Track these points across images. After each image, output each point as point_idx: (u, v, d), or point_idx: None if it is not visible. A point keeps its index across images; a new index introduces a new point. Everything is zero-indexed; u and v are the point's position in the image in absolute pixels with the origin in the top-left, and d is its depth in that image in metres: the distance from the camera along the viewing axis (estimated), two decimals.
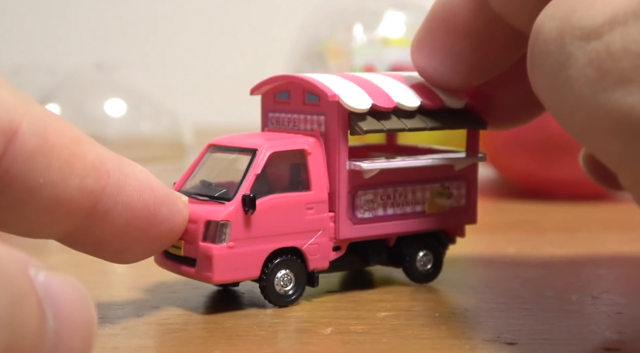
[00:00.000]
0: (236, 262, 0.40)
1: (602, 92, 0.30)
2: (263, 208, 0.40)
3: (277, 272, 0.41)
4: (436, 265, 0.46)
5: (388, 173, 0.43)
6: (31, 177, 0.33)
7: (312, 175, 0.42)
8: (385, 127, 0.42)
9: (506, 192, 0.76)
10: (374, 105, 0.42)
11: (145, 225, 0.37)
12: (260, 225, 0.40)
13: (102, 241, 0.37)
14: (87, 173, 0.35)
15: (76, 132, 0.35)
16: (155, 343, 0.37)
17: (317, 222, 0.42)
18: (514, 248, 0.55)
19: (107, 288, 0.46)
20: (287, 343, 0.36)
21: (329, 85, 0.42)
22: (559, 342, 0.36)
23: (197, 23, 1.45)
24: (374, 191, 0.43)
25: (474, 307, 0.42)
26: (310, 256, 0.42)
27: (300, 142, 0.42)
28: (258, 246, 0.40)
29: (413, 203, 0.45)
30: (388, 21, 0.80)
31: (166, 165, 0.84)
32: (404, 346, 0.36)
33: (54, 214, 0.35)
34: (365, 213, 0.43)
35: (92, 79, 0.92)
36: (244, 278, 0.41)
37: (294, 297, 0.42)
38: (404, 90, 0.43)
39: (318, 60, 0.82)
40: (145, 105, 0.91)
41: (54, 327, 0.26)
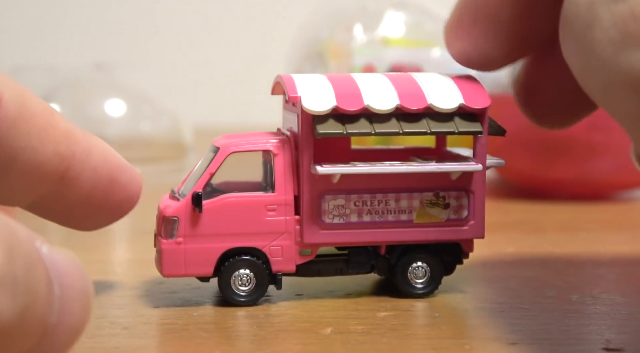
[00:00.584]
0: (185, 258, 0.41)
1: (622, 52, 0.30)
2: (215, 207, 0.41)
3: (235, 270, 0.42)
4: (432, 279, 0.43)
5: (361, 178, 0.42)
6: (14, 141, 0.37)
7: (277, 177, 0.42)
8: (345, 131, 0.40)
9: (506, 192, 0.76)
10: (336, 107, 0.40)
11: (109, 190, 0.41)
12: (212, 224, 0.41)
13: (69, 207, 0.40)
14: (60, 139, 0.38)
15: (47, 104, 0.39)
16: (155, 343, 0.37)
17: (279, 224, 0.42)
18: (514, 248, 0.55)
19: (107, 288, 0.46)
20: (287, 343, 0.36)
21: (299, 85, 0.41)
22: (559, 342, 0.36)
23: (197, 23, 1.45)
24: (345, 196, 0.42)
25: (474, 307, 0.42)
26: (273, 258, 0.42)
27: (266, 143, 0.42)
28: (210, 244, 0.41)
29: (397, 211, 0.42)
30: (388, 21, 0.80)
31: (166, 165, 0.84)
32: (404, 346, 0.36)
33: (32, 178, 0.38)
34: (334, 219, 0.42)
35: (92, 79, 0.92)
36: (195, 274, 0.42)
37: (251, 297, 0.42)
38: (384, 92, 0.41)
39: (318, 60, 0.82)
40: (145, 105, 0.92)
41: (59, 294, 0.28)
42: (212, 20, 1.45)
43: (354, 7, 0.84)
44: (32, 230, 0.28)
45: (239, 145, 0.42)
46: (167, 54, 1.43)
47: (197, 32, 1.45)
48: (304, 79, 0.43)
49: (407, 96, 0.41)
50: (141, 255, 0.53)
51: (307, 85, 0.42)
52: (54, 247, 0.29)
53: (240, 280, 0.42)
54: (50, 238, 0.59)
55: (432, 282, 0.43)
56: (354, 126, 0.41)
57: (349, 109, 0.41)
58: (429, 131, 0.41)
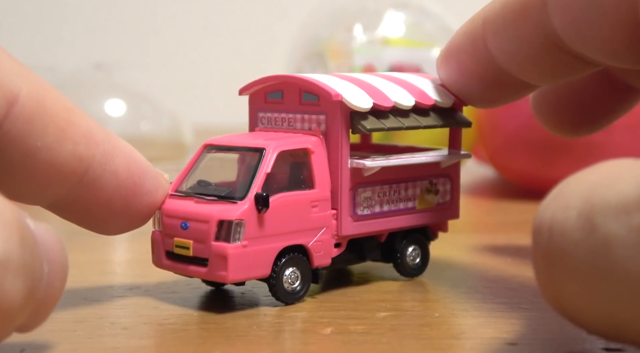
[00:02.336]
0: (249, 261, 0.40)
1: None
2: (273, 207, 0.41)
3: (285, 269, 0.42)
4: (424, 259, 0.47)
5: (385, 171, 0.44)
6: (29, 139, 0.36)
7: (315, 174, 0.42)
8: (386, 126, 0.43)
9: (506, 192, 0.76)
10: (375, 104, 0.43)
11: (130, 195, 0.40)
12: (271, 224, 0.41)
13: (89, 209, 0.39)
14: (79, 140, 0.37)
15: (69, 102, 0.38)
16: (155, 343, 0.37)
17: (321, 220, 0.42)
18: (513, 248, 0.55)
19: (107, 288, 0.46)
20: (287, 343, 0.36)
21: (331, 85, 0.43)
22: (559, 342, 0.36)
23: (197, 23, 1.45)
24: (372, 188, 0.44)
25: (474, 307, 0.42)
26: (315, 253, 0.43)
27: (304, 141, 0.43)
28: (269, 244, 0.41)
29: (405, 199, 0.46)
30: (388, 21, 0.80)
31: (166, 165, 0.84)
32: (404, 346, 0.36)
33: (47, 178, 0.37)
34: (364, 211, 0.44)
35: (92, 79, 0.92)
36: (256, 276, 0.41)
37: (301, 293, 0.42)
38: (399, 90, 0.44)
39: (318, 61, 0.82)
40: (145, 105, 0.92)
41: (47, 270, 0.29)
42: (212, 21, 1.45)
43: (354, 7, 0.84)
44: None
45: (284, 145, 0.42)
46: (167, 54, 1.43)
47: (197, 32, 1.45)
48: (326, 79, 0.43)
49: (417, 94, 0.44)
50: (141, 255, 0.53)
51: (337, 85, 0.43)
52: (36, 222, 0.29)
53: (290, 279, 0.42)
54: None
55: (424, 262, 0.47)
56: (388, 121, 0.43)
57: (384, 105, 0.43)
58: (439, 124, 0.45)
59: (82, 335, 0.37)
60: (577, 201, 0.29)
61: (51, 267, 0.29)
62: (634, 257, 0.26)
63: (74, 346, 0.36)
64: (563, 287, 0.29)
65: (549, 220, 0.29)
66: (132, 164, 0.39)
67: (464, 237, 0.48)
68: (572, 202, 0.29)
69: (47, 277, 0.29)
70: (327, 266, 0.43)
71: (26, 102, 0.35)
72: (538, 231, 0.30)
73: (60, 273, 0.30)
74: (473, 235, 0.57)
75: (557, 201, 0.30)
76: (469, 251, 0.54)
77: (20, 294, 0.27)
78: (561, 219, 0.29)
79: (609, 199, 0.27)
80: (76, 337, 0.37)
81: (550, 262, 0.29)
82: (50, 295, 0.29)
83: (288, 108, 0.45)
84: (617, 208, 0.27)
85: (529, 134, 0.71)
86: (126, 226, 0.41)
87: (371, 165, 0.43)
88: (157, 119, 0.92)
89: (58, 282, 0.30)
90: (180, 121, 0.92)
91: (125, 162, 0.39)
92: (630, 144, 0.69)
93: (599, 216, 0.27)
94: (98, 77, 0.92)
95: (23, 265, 0.27)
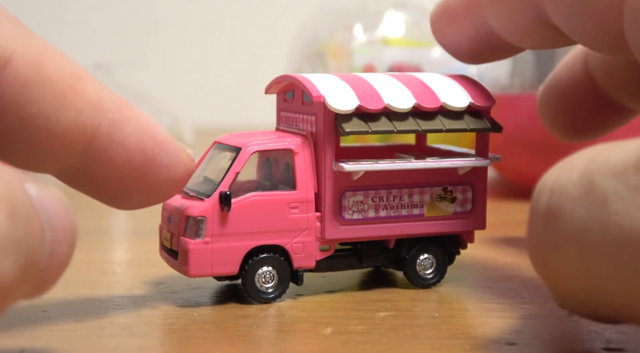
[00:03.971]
0: (213, 257, 0.41)
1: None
2: (241, 206, 0.41)
3: (258, 268, 0.42)
4: (438, 270, 0.45)
5: (380, 175, 0.43)
6: (24, 106, 0.34)
7: (297, 175, 0.42)
8: (370, 129, 0.42)
9: (506, 192, 0.76)
10: (360, 106, 0.41)
11: (143, 169, 0.37)
12: (238, 222, 0.41)
13: (99, 182, 0.37)
14: (83, 108, 0.35)
15: (77, 69, 0.35)
16: (155, 343, 0.37)
17: (301, 221, 0.42)
18: (514, 248, 0.55)
19: (107, 288, 0.46)
20: (287, 343, 0.36)
21: (319, 85, 0.42)
22: (559, 342, 0.36)
23: (197, 23, 1.45)
24: (364, 193, 0.43)
25: (474, 307, 0.42)
26: (295, 254, 0.42)
27: (287, 141, 0.42)
28: (236, 242, 0.41)
29: (410, 206, 0.44)
30: (388, 21, 0.81)
31: None
32: (404, 346, 0.36)
33: (48, 147, 0.35)
34: (354, 215, 0.43)
35: None
36: (221, 273, 0.42)
37: (274, 294, 0.42)
38: (400, 91, 0.43)
39: (318, 60, 0.82)
40: (145, 105, 0.92)
41: (49, 238, 0.28)
42: (212, 21, 1.45)
43: (354, 7, 0.84)
44: None
45: (261, 144, 0.42)
46: (167, 54, 1.43)
47: (197, 32, 1.45)
48: (320, 79, 0.43)
49: (421, 95, 0.43)
50: (141, 255, 0.53)
51: (326, 86, 0.42)
52: (41, 186, 0.28)
53: (264, 277, 0.42)
54: None
55: (438, 273, 0.45)
56: (377, 124, 0.42)
57: (371, 107, 0.42)
58: (445, 128, 0.43)
59: (82, 335, 0.37)
60: (581, 163, 0.30)
61: (55, 234, 0.28)
62: (629, 211, 0.28)
63: (74, 346, 0.36)
64: (557, 249, 0.30)
65: (552, 182, 0.31)
66: (146, 136, 0.37)
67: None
68: (577, 164, 0.30)
69: (51, 244, 0.28)
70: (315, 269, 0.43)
71: (20, 65, 0.33)
72: (539, 193, 0.31)
73: (66, 238, 0.29)
74: None
75: (563, 165, 0.31)
76: (469, 251, 0.54)
77: (11, 272, 0.26)
78: (564, 179, 0.30)
79: (609, 160, 0.29)
80: (76, 337, 0.37)
81: (547, 223, 0.30)
82: (55, 261, 0.28)
83: (295, 108, 0.45)
84: (616, 168, 0.29)
85: (529, 134, 0.70)
86: (142, 202, 0.39)
87: (349, 168, 0.42)
88: (157, 119, 0.91)
89: (64, 247, 0.29)
90: (180, 121, 0.92)
91: (137, 134, 0.37)
92: None
93: (599, 175, 0.29)
94: (98, 77, 0.92)
95: (14, 243, 0.26)
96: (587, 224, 0.29)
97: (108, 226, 0.66)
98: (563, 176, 0.30)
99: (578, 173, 0.30)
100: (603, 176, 0.29)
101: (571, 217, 0.29)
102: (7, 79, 0.33)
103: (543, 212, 0.31)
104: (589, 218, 0.29)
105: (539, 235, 0.31)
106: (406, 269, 0.45)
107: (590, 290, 0.30)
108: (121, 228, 0.67)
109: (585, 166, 0.29)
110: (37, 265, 0.28)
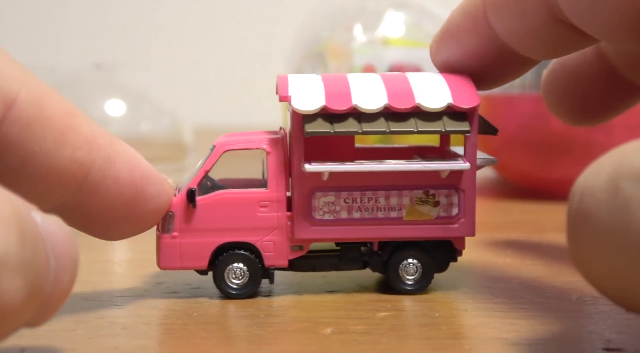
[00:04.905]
0: (181, 252, 0.43)
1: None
2: (209, 203, 0.42)
3: (229, 264, 0.43)
4: (423, 276, 0.44)
5: (351, 176, 0.42)
6: (27, 144, 0.35)
7: (269, 174, 0.43)
8: (333, 130, 0.41)
9: (506, 192, 0.76)
10: (325, 107, 0.41)
11: (133, 201, 0.39)
12: (205, 219, 0.43)
13: (91, 216, 0.39)
14: (79, 145, 0.36)
15: (71, 106, 0.37)
16: (155, 343, 0.37)
17: (271, 220, 0.43)
18: (514, 248, 0.55)
19: (107, 288, 0.46)
20: (287, 343, 0.36)
21: (291, 85, 0.42)
22: (559, 342, 0.36)
23: (197, 23, 1.45)
24: (336, 194, 0.42)
25: (474, 307, 0.42)
26: (265, 253, 0.43)
27: (260, 141, 0.43)
28: (205, 238, 0.43)
29: (387, 209, 0.43)
30: (388, 21, 0.80)
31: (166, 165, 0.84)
32: (404, 346, 0.36)
33: (46, 183, 0.36)
34: (325, 216, 0.43)
35: (92, 79, 0.92)
36: (191, 267, 0.43)
37: (244, 290, 0.43)
38: (375, 92, 0.42)
39: (318, 60, 0.82)
40: (145, 105, 0.92)
41: (54, 265, 0.29)
42: (212, 21, 1.45)
43: (354, 7, 0.84)
44: None
45: (233, 143, 0.43)
46: (167, 54, 1.43)
47: (197, 32, 1.45)
48: (299, 78, 0.43)
49: (396, 95, 0.42)
50: (141, 255, 0.53)
51: (299, 85, 0.42)
52: (44, 215, 0.29)
53: (234, 273, 0.43)
54: None
55: (423, 279, 0.44)
56: (342, 125, 0.41)
57: (336, 108, 0.41)
58: (416, 130, 0.41)
59: (82, 335, 0.37)
60: (609, 166, 0.30)
61: (59, 261, 0.29)
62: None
63: (74, 346, 0.36)
64: (586, 249, 0.30)
65: (583, 184, 0.31)
66: (135, 170, 0.39)
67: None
68: (605, 166, 0.30)
69: (55, 272, 0.29)
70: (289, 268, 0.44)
71: (24, 106, 0.35)
72: (572, 194, 0.32)
73: (69, 267, 0.30)
74: None
75: (594, 167, 0.31)
76: (469, 251, 0.54)
77: (20, 292, 0.27)
78: (593, 182, 0.30)
79: (634, 165, 0.29)
80: (76, 337, 0.37)
81: (577, 224, 0.31)
82: (58, 289, 0.29)
83: None
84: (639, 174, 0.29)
85: (529, 134, 0.71)
86: (130, 232, 0.41)
87: (309, 169, 0.41)
88: (157, 119, 0.92)
89: (67, 276, 0.29)
90: (180, 121, 0.92)
91: (127, 168, 0.39)
92: None
93: (624, 180, 0.29)
94: (98, 77, 0.92)
95: (22, 263, 0.27)
96: (611, 229, 0.29)
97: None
98: (592, 178, 0.30)
99: (605, 176, 0.30)
100: (628, 181, 0.29)
101: (597, 220, 0.30)
102: (12, 119, 0.35)
103: (574, 213, 0.31)
104: (614, 223, 0.29)
105: (572, 236, 0.31)
106: (388, 273, 0.44)
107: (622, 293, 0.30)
108: None
109: (611, 169, 0.30)
110: (42, 290, 0.28)
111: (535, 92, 0.71)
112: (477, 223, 0.45)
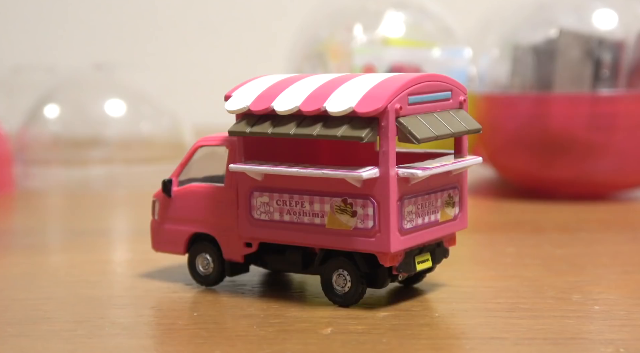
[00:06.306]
0: (164, 237, 0.46)
1: None
2: (181, 194, 0.46)
3: (199, 253, 0.45)
4: (352, 288, 0.41)
5: (281, 179, 0.42)
6: None
7: (227, 171, 0.44)
8: (248, 131, 0.41)
9: (506, 192, 0.76)
10: (248, 108, 0.42)
11: None
12: (180, 208, 0.46)
13: None
14: None
15: None
16: (155, 343, 0.37)
17: (226, 216, 0.44)
18: (514, 248, 0.55)
19: (107, 288, 0.46)
20: (287, 343, 0.36)
21: (246, 85, 0.43)
22: (559, 342, 0.36)
23: (197, 23, 1.45)
24: (269, 195, 0.42)
25: (474, 307, 0.42)
26: (223, 246, 0.45)
27: (225, 139, 0.44)
28: (180, 226, 0.46)
29: (311, 214, 0.41)
30: (388, 21, 0.80)
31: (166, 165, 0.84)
32: (404, 346, 0.36)
33: None
34: (261, 215, 0.43)
35: (92, 79, 0.92)
36: (173, 252, 0.47)
37: (210, 279, 0.45)
38: (298, 94, 0.41)
39: (318, 61, 0.82)
40: (145, 105, 0.92)
41: None
42: (212, 21, 1.45)
43: (354, 7, 0.84)
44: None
45: (207, 139, 0.46)
46: (167, 54, 1.43)
47: (197, 33, 1.45)
48: (260, 80, 0.44)
49: (311, 99, 0.40)
50: (141, 255, 0.53)
51: (250, 87, 0.43)
52: None
53: (201, 262, 0.45)
54: (51, 239, 0.59)
55: (350, 291, 0.41)
56: (260, 127, 0.42)
57: (256, 109, 0.42)
58: (315, 134, 0.40)
59: (82, 335, 0.37)
60: None
61: None
62: None
63: (74, 346, 0.36)
64: None
65: None
66: None
67: (464, 237, 0.47)
68: None
69: None
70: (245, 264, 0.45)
71: None
72: None
73: None
74: (473, 235, 0.57)
75: None
76: (469, 251, 0.54)
77: None
78: None
79: None
80: (76, 337, 0.37)
81: None
82: None
83: None
84: None
85: (529, 134, 0.71)
86: None
87: (234, 168, 0.42)
88: (157, 119, 0.92)
89: None
90: (180, 121, 0.92)
91: None
92: (631, 145, 0.69)
93: None
94: (98, 77, 0.92)
95: None
96: None
97: (108, 226, 0.66)
98: None
99: None
100: None
101: None
102: None
103: None
104: None
105: None
106: (321, 282, 0.42)
107: None
108: (121, 228, 0.67)
109: None
110: None
111: (535, 92, 0.71)
112: (477, 223, 0.44)
